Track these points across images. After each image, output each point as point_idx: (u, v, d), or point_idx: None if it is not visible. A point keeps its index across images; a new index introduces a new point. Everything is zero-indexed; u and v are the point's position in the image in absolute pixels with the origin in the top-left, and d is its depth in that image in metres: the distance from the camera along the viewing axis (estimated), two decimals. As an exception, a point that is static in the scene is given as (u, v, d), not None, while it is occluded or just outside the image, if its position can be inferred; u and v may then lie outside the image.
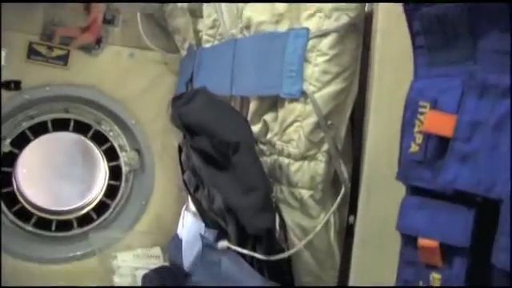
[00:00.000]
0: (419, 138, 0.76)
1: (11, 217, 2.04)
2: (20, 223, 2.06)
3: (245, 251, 1.26)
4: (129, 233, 2.12)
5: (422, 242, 0.74)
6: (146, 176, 2.16)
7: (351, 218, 1.08)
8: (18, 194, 2.07)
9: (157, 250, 2.08)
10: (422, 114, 0.75)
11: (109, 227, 2.14)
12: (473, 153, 0.68)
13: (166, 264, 2.03)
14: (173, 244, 1.89)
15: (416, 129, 0.76)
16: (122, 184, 2.14)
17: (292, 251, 1.18)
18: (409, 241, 0.78)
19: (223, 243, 1.38)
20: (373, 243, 1.01)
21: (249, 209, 1.16)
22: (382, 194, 0.96)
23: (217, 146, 1.25)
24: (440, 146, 0.73)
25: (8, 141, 1.99)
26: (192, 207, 1.73)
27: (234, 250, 1.37)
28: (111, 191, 2.15)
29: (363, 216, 1.04)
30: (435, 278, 0.73)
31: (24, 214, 2.07)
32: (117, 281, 2.00)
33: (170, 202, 2.11)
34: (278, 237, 1.20)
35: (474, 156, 0.68)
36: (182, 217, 1.82)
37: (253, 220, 1.16)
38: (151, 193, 2.15)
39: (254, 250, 1.24)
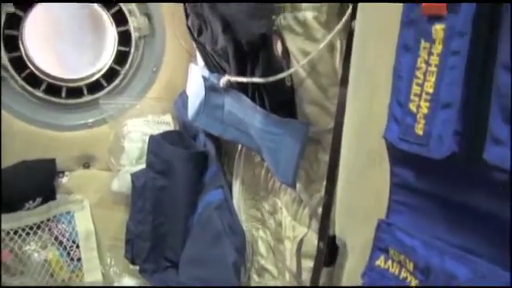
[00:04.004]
0: None
1: (21, 82, 2.01)
2: (30, 89, 2.02)
3: (244, 79, 1.18)
4: (140, 100, 2.07)
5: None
6: (157, 42, 2.06)
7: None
8: (26, 59, 2.02)
9: (167, 117, 2.03)
10: None
11: (119, 94, 2.08)
12: None
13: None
14: (179, 100, 1.84)
15: None
16: (132, 50, 2.06)
17: (292, 70, 1.08)
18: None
19: (224, 78, 1.31)
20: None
21: (242, 14, 1.06)
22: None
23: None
24: None
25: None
26: (199, 60, 1.65)
27: (235, 87, 1.30)
28: (121, 58, 2.07)
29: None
30: (438, 29, 0.63)
31: (33, 80, 2.03)
32: (127, 146, 1.98)
33: (181, 68, 2.03)
34: (280, 57, 1.11)
35: None
36: (189, 72, 1.75)
37: (247, 25, 1.06)
38: (162, 59, 2.07)
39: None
